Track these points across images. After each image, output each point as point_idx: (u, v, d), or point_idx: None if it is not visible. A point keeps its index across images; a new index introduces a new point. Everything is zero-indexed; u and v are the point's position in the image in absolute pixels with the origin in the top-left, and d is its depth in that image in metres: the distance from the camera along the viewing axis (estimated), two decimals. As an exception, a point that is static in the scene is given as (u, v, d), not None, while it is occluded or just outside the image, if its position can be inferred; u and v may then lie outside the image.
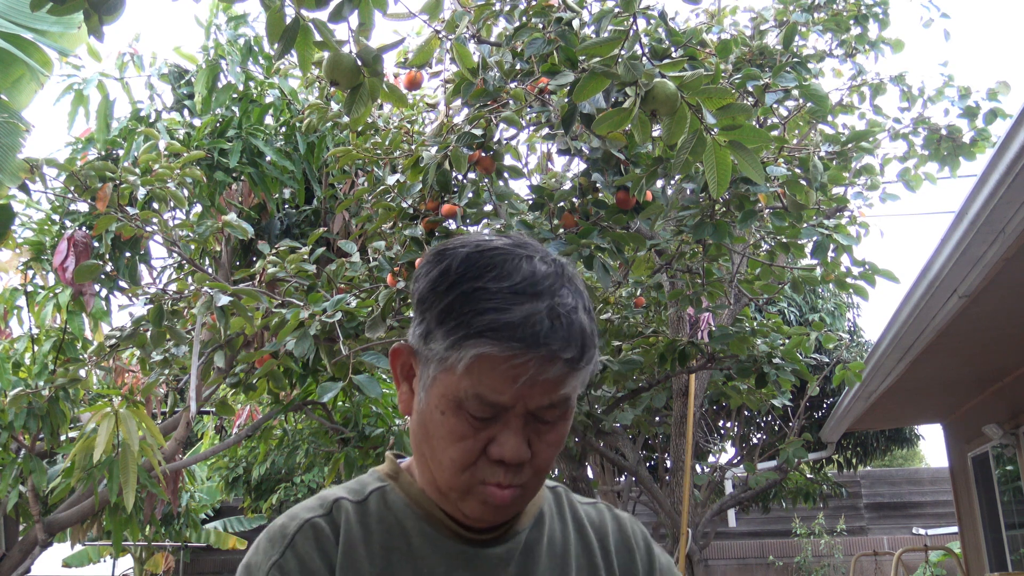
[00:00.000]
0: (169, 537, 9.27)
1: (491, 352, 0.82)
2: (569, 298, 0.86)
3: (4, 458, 4.18)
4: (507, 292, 0.84)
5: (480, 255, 0.87)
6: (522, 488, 0.90)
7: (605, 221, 3.26)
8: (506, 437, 0.86)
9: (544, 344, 0.82)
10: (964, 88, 5.21)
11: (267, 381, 3.83)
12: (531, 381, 0.83)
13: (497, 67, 3.29)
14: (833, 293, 10.27)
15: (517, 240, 0.91)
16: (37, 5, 1.81)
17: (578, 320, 0.86)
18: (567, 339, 0.84)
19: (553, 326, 0.83)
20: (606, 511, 1.07)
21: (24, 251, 4.60)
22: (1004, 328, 4.67)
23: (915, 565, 10.18)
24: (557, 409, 0.87)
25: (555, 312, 0.84)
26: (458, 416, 0.87)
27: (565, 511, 1.04)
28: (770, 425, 9.63)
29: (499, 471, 0.87)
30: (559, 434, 0.90)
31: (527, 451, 0.87)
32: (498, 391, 0.84)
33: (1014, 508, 6.43)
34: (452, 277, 0.86)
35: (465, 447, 0.87)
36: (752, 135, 2.02)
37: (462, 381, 0.85)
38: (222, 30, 4.65)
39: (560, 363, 0.83)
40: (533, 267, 0.87)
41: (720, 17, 4.66)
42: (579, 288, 0.90)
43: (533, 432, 0.88)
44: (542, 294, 0.85)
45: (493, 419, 0.86)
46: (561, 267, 0.90)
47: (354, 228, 4.49)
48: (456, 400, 0.86)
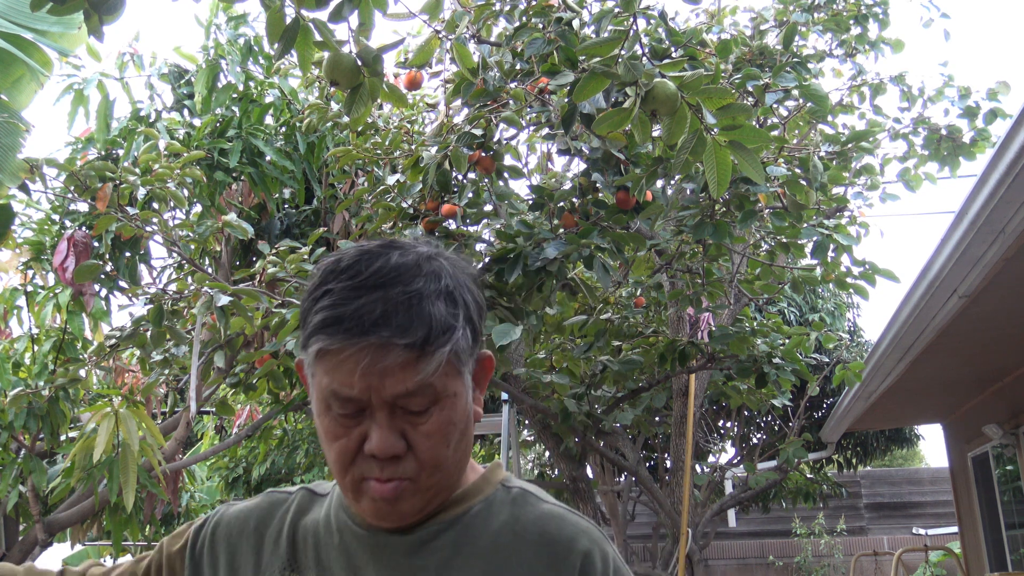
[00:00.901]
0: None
1: (325, 346, 0.83)
2: (419, 284, 0.85)
3: (4, 458, 4.18)
4: (348, 289, 0.84)
5: (341, 259, 0.88)
6: (410, 481, 0.88)
7: (605, 221, 3.26)
8: (373, 431, 0.86)
9: (374, 332, 0.82)
10: (964, 88, 5.22)
11: (267, 381, 3.83)
12: (371, 371, 0.83)
13: (497, 67, 3.29)
14: (833, 293, 10.27)
15: (390, 241, 0.91)
16: (37, 5, 1.81)
17: (424, 306, 0.84)
18: (405, 325, 0.82)
19: (387, 314, 0.82)
20: (567, 520, 0.96)
21: (24, 251, 4.60)
22: (1004, 328, 4.67)
23: (915, 565, 10.18)
24: (420, 397, 0.86)
25: (393, 300, 0.83)
26: (329, 416, 0.87)
27: (507, 515, 0.96)
28: (770, 425, 9.63)
29: (375, 465, 0.87)
30: (438, 424, 0.88)
31: (398, 443, 0.86)
32: (347, 384, 0.84)
33: (1014, 508, 6.43)
34: (313, 284, 0.88)
35: (341, 446, 0.88)
36: (752, 135, 2.02)
37: (320, 380, 0.86)
38: (222, 30, 4.65)
39: (398, 349, 0.82)
40: (387, 261, 0.86)
41: (720, 17, 4.66)
42: (440, 275, 0.88)
43: (407, 424, 0.87)
44: (387, 285, 0.84)
45: (359, 414, 0.86)
46: (423, 257, 0.89)
47: (354, 228, 4.49)
48: (324, 401, 0.87)
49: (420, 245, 0.92)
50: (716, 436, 8.06)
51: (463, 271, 0.93)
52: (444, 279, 0.88)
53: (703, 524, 5.57)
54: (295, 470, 9.11)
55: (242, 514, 1.04)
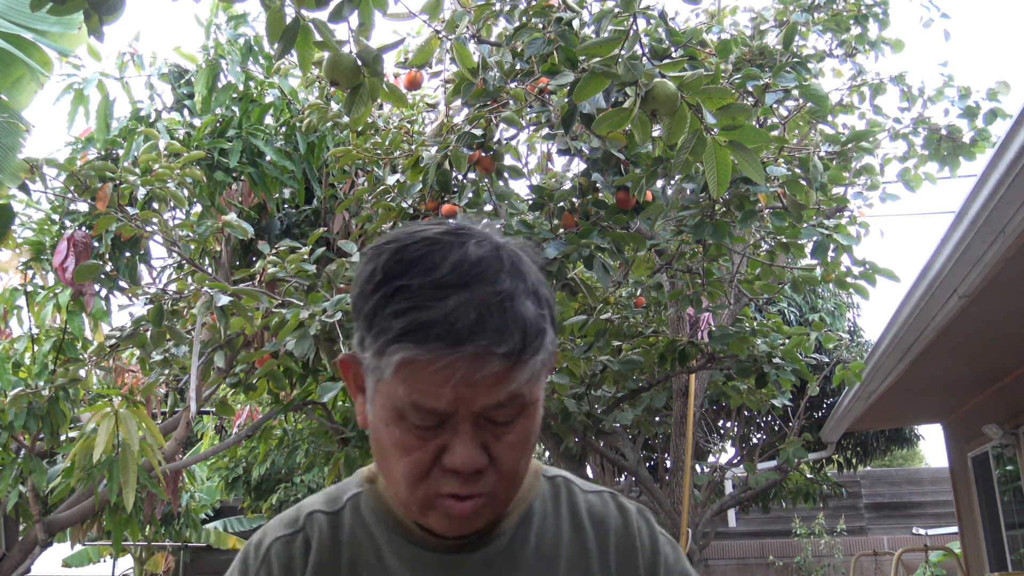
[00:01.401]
0: (169, 537, 9.27)
1: (413, 356, 0.74)
2: (506, 283, 0.77)
3: (4, 458, 4.18)
4: (430, 287, 0.75)
5: (407, 248, 0.79)
6: (488, 496, 0.82)
7: (605, 221, 3.26)
8: (456, 445, 0.78)
9: (471, 340, 0.73)
10: (964, 88, 5.21)
11: (267, 381, 3.84)
12: (465, 383, 0.74)
13: (497, 67, 3.29)
14: (833, 293, 10.27)
15: (455, 226, 0.82)
16: (37, 5, 1.81)
17: (517, 308, 0.76)
18: (501, 331, 0.74)
19: (482, 318, 0.74)
20: (611, 502, 0.98)
21: (24, 251, 4.60)
22: (1004, 328, 4.67)
23: (915, 565, 10.18)
24: (510, 408, 0.78)
25: (485, 303, 0.75)
26: (402, 427, 0.79)
27: (562, 505, 0.96)
28: (770, 425, 9.63)
29: (455, 481, 0.79)
30: (522, 434, 0.81)
31: (482, 457, 0.79)
32: (433, 396, 0.76)
33: (1014, 508, 6.43)
34: (378, 277, 0.79)
35: (414, 460, 0.79)
36: (752, 135, 2.02)
37: (397, 389, 0.77)
38: (222, 30, 4.65)
39: (495, 359, 0.74)
40: (464, 253, 0.77)
41: (720, 17, 4.66)
42: (523, 270, 0.80)
43: (490, 435, 0.79)
44: (472, 283, 0.75)
45: (440, 426, 0.78)
46: (498, 248, 0.80)
47: (354, 228, 4.49)
48: (396, 410, 0.78)
49: (488, 231, 0.83)
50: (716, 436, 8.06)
51: (534, 260, 0.85)
52: (528, 275, 0.80)
53: (703, 524, 5.57)
54: (295, 470, 9.12)
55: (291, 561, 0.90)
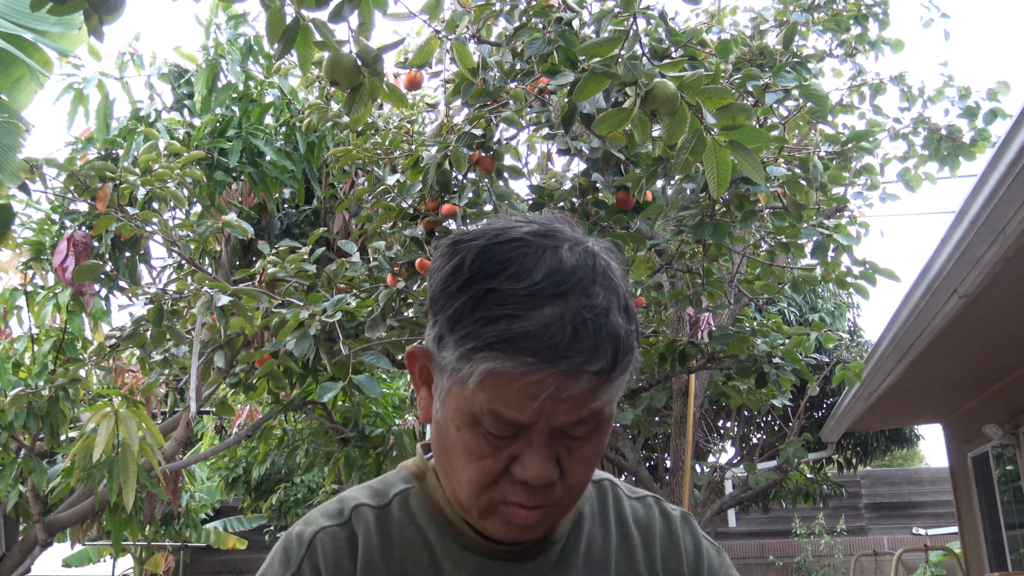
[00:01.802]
0: (169, 537, 9.27)
1: (503, 368, 0.71)
2: (600, 297, 0.74)
3: (4, 458, 4.18)
4: (524, 294, 0.72)
5: (497, 248, 0.75)
6: (552, 507, 0.80)
7: (605, 221, 3.26)
8: (530, 457, 0.76)
9: (565, 357, 0.71)
10: (964, 88, 5.21)
11: (267, 381, 3.84)
12: (553, 398, 0.72)
13: (497, 67, 3.29)
14: (833, 293, 10.27)
15: (545, 226, 0.79)
16: (37, 5, 1.81)
17: (610, 324, 0.73)
18: (595, 349, 0.72)
19: (577, 334, 0.71)
20: (655, 507, 0.97)
21: (24, 251, 4.60)
22: (1004, 328, 4.67)
23: (915, 565, 10.18)
24: (589, 424, 0.76)
25: (580, 317, 0.72)
26: (475, 432, 0.76)
27: (609, 510, 0.95)
28: (770, 425, 9.63)
29: (523, 492, 0.77)
30: (594, 449, 0.79)
31: (555, 471, 0.77)
32: (516, 408, 0.73)
33: (1014, 508, 6.43)
34: (465, 275, 0.75)
35: (484, 466, 0.77)
36: (752, 135, 2.02)
37: (476, 396, 0.74)
38: (222, 29, 4.65)
39: (586, 377, 0.72)
40: (558, 260, 0.74)
41: (720, 17, 4.66)
42: (614, 281, 0.77)
43: (563, 448, 0.77)
44: (567, 294, 0.73)
45: (514, 436, 0.76)
46: (593, 256, 0.77)
47: (354, 228, 4.49)
48: (472, 416, 0.76)
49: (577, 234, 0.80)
50: (716, 436, 8.06)
51: (622, 267, 0.81)
52: (620, 287, 0.77)
53: (703, 524, 5.57)
54: (295, 470, 9.12)
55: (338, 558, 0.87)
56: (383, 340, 3.48)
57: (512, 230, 0.77)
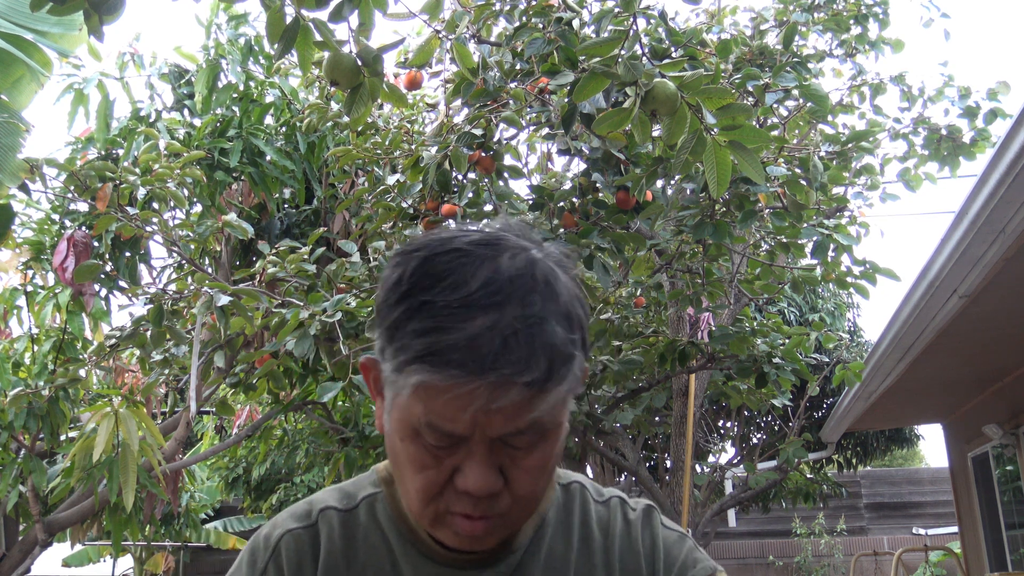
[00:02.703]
0: (169, 537, 9.27)
1: (431, 380, 0.71)
2: (537, 306, 0.72)
3: (4, 458, 4.18)
4: (456, 306, 0.71)
5: (436, 259, 0.74)
6: (501, 517, 0.80)
7: (605, 221, 3.26)
8: (470, 468, 0.75)
9: (493, 369, 0.69)
10: (964, 88, 5.22)
11: (267, 381, 3.83)
12: (484, 410, 0.71)
13: (497, 67, 3.29)
14: (833, 293, 10.28)
15: (489, 236, 0.78)
16: (37, 5, 1.81)
17: (544, 334, 0.72)
18: (527, 360, 0.70)
19: (507, 345, 0.70)
20: (617, 509, 0.96)
21: (24, 251, 4.60)
22: (1004, 328, 4.67)
23: (915, 565, 10.18)
24: (529, 434, 0.75)
25: (512, 327, 0.70)
26: (417, 444, 0.76)
27: (574, 515, 0.94)
28: (770, 425, 9.63)
29: (467, 502, 0.77)
30: (540, 458, 0.78)
31: (497, 481, 0.76)
32: (449, 420, 0.73)
33: (1014, 508, 6.43)
34: (403, 287, 0.75)
35: (428, 477, 0.77)
36: (752, 135, 2.02)
37: (413, 408, 0.74)
38: (222, 29, 4.65)
39: (517, 388, 0.70)
40: (495, 270, 0.73)
41: (720, 17, 4.66)
42: (556, 289, 0.76)
43: (507, 458, 0.77)
44: (503, 304, 0.71)
45: (455, 446, 0.75)
46: (534, 264, 0.76)
47: (354, 228, 4.49)
48: (412, 427, 0.76)
49: (525, 241, 0.79)
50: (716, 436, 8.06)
51: (571, 275, 0.80)
52: (560, 293, 0.76)
53: (703, 524, 5.57)
54: (295, 470, 9.12)
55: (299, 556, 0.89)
56: (383, 340, 3.47)
57: (454, 240, 0.76)
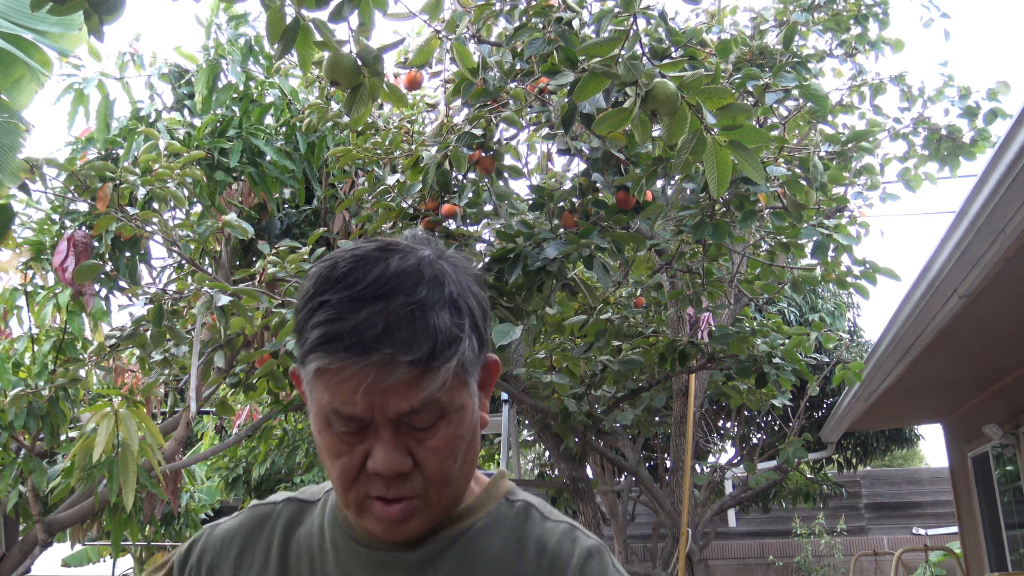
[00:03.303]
0: (169, 537, 9.26)
1: (324, 365, 0.79)
2: (422, 293, 0.80)
3: (4, 458, 4.18)
4: (347, 300, 0.79)
5: (335, 266, 0.83)
6: (418, 500, 0.85)
7: (605, 221, 3.26)
8: (377, 449, 0.82)
9: (375, 349, 0.77)
10: (964, 88, 5.22)
11: (267, 381, 3.83)
12: (374, 389, 0.78)
13: (497, 67, 3.29)
14: (833, 293, 10.27)
15: (387, 243, 0.86)
16: (37, 5, 1.82)
17: (428, 317, 0.79)
18: (409, 340, 0.78)
19: (389, 328, 0.78)
20: (566, 537, 0.94)
21: (24, 251, 4.60)
22: (1004, 328, 4.67)
23: (915, 565, 10.18)
24: (427, 413, 0.82)
25: (395, 313, 0.78)
26: (329, 433, 0.84)
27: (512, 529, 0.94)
28: (770, 425, 9.63)
29: (381, 484, 0.83)
30: (446, 439, 0.84)
31: (404, 461, 0.82)
32: (348, 404, 0.80)
33: (1014, 508, 6.43)
34: (308, 293, 0.83)
35: (343, 464, 0.84)
36: (752, 135, 2.02)
37: (320, 397, 0.82)
38: (222, 30, 4.65)
39: (403, 367, 0.78)
40: (386, 268, 0.81)
41: (720, 17, 4.66)
42: (443, 281, 0.83)
43: (413, 440, 0.83)
44: (389, 295, 0.79)
45: (362, 431, 0.82)
46: (421, 261, 0.83)
47: (354, 228, 4.49)
48: (323, 418, 0.83)
49: (420, 246, 0.87)
50: (716, 436, 8.07)
51: (466, 273, 0.88)
52: (448, 285, 0.83)
53: (703, 524, 5.57)
54: (295, 470, 9.12)
55: (227, 536, 0.99)
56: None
57: (355, 249, 0.85)
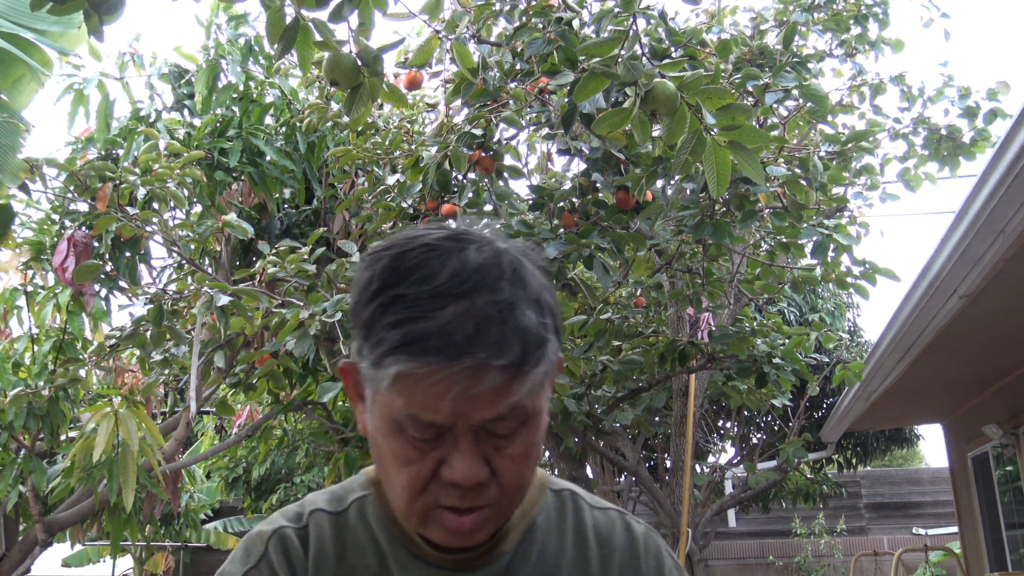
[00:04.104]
0: (169, 537, 9.27)
1: (409, 369, 0.72)
2: (507, 291, 0.74)
3: (4, 458, 4.18)
4: (427, 296, 0.73)
5: (405, 255, 0.76)
6: (489, 509, 0.80)
7: (605, 221, 3.26)
8: (455, 458, 0.76)
9: (468, 353, 0.71)
10: (964, 88, 5.22)
11: (267, 381, 3.84)
12: (463, 396, 0.72)
13: (497, 67, 3.29)
14: (833, 293, 10.27)
15: (456, 231, 0.79)
16: (37, 5, 1.81)
17: (517, 317, 0.73)
18: (500, 343, 0.72)
19: (479, 330, 0.71)
20: (618, 521, 0.96)
21: (24, 251, 4.59)
22: (1004, 328, 4.67)
23: (915, 565, 10.18)
24: (511, 420, 0.76)
25: (483, 313, 0.72)
26: (400, 439, 0.77)
27: (567, 521, 0.94)
28: (770, 425, 9.63)
29: (454, 494, 0.77)
30: (524, 445, 0.79)
31: (483, 471, 0.77)
32: (431, 410, 0.74)
33: (1014, 508, 6.43)
34: (375, 285, 0.76)
35: (413, 472, 0.78)
36: (752, 135, 2.02)
37: (394, 401, 0.75)
38: (222, 30, 4.65)
39: (494, 371, 0.72)
40: (463, 261, 0.75)
41: (720, 17, 4.66)
42: (524, 276, 0.77)
43: (491, 447, 0.77)
44: (471, 292, 0.73)
45: (439, 438, 0.76)
46: (499, 253, 0.77)
47: (354, 228, 4.49)
48: (394, 422, 0.77)
49: (491, 235, 0.80)
50: (716, 436, 8.07)
51: (537, 264, 0.82)
52: (529, 281, 0.77)
53: (703, 524, 5.57)
54: (295, 470, 9.11)
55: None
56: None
57: (422, 237, 0.78)
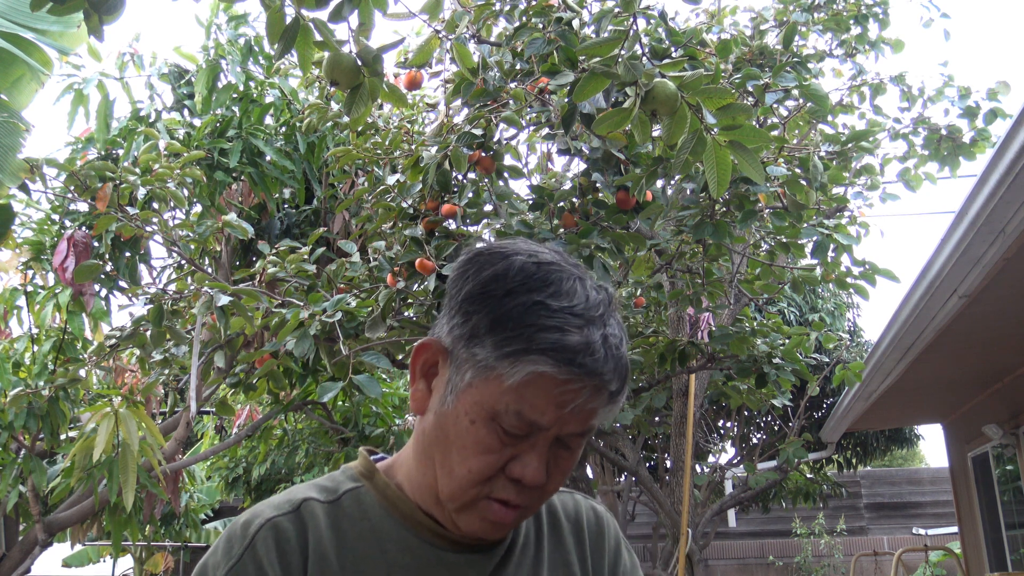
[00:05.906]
0: (169, 537, 9.27)
1: (550, 372, 0.80)
2: (617, 329, 0.86)
3: (4, 458, 4.18)
4: (567, 313, 0.82)
5: (537, 267, 0.85)
6: (528, 508, 0.88)
7: (605, 221, 3.26)
8: (531, 458, 0.84)
9: (599, 374, 0.81)
10: (964, 88, 5.21)
11: (267, 381, 3.83)
12: (577, 408, 0.82)
13: (497, 67, 3.29)
14: (833, 293, 10.27)
15: (565, 257, 0.89)
16: (37, 5, 1.81)
17: (623, 352, 0.85)
18: (616, 371, 0.83)
19: (607, 356, 0.82)
20: (583, 503, 1.06)
21: (24, 251, 4.60)
22: (1004, 328, 4.67)
23: (915, 565, 10.18)
24: (581, 437, 0.87)
25: (609, 342, 0.83)
26: (489, 428, 0.83)
27: (551, 504, 1.04)
28: (770, 425, 9.63)
29: (512, 489, 0.85)
30: (572, 460, 0.89)
31: (546, 475, 0.85)
32: (542, 412, 0.82)
33: (1014, 508, 6.43)
34: (509, 284, 0.84)
35: (487, 461, 0.84)
36: (752, 135, 2.02)
37: (506, 395, 0.82)
38: (222, 30, 4.65)
39: (606, 394, 0.83)
40: (587, 291, 0.85)
41: (720, 17, 4.66)
42: (618, 318, 0.89)
43: (553, 457, 0.86)
44: (596, 321, 0.83)
45: (525, 437, 0.84)
46: (609, 296, 0.89)
47: (354, 228, 4.49)
48: (492, 411, 0.83)
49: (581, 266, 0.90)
50: (716, 436, 8.07)
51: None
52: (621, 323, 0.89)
53: (703, 524, 5.57)
54: (295, 470, 9.11)
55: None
56: (383, 340, 3.48)
57: (543, 253, 0.87)
